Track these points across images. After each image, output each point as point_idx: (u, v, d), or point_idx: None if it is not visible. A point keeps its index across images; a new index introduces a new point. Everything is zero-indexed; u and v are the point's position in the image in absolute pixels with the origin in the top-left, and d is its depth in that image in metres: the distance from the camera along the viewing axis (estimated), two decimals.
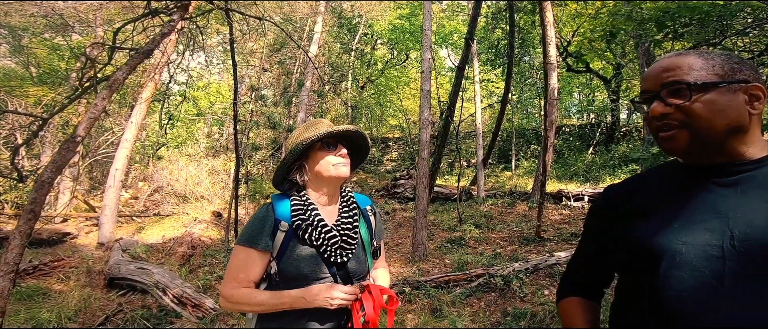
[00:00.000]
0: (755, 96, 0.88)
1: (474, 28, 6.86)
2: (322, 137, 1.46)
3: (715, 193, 0.88)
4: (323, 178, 1.49)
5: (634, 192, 1.01)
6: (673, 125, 0.89)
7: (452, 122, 7.24)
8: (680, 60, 0.91)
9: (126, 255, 6.91)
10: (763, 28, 4.97)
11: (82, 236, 9.39)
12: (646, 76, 0.96)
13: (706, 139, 0.87)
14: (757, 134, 0.90)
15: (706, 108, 0.86)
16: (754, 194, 0.85)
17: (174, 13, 3.59)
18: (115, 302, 5.49)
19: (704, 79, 0.87)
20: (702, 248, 0.83)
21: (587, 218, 1.15)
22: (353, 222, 1.51)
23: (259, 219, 1.43)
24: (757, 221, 0.81)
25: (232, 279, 1.41)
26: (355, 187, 13.80)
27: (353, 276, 1.47)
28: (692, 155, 0.91)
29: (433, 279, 5.49)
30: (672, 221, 0.89)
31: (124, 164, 8.19)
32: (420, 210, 6.56)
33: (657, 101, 0.91)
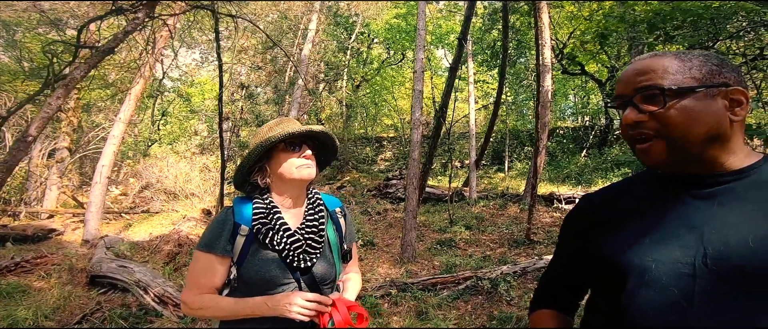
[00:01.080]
0: (736, 101, 0.81)
1: (467, 28, 6.80)
2: (284, 137, 1.39)
3: (690, 206, 0.82)
4: (286, 180, 1.43)
5: (609, 203, 0.96)
6: (647, 134, 0.82)
7: (444, 122, 7.16)
8: (655, 62, 0.83)
9: (109, 253, 6.79)
10: (758, 31, 4.93)
11: (68, 232, 9.27)
12: (620, 79, 0.89)
13: (682, 149, 0.80)
14: (738, 142, 0.83)
15: (682, 116, 0.79)
16: (731, 208, 0.78)
17: (139, 11, 3.50)
18: (95, 300, 5.39)
19: (680, 84, 0.80)
20: (672, 265, 0.77)
21: (562, 228, 1.09)
22: (319, 225, 1.45)
23: (218, 224, 1.37)
24: (732, 238, 0.75)
25: (193, 284, 1.36)
26: (348, 186, 13.72)
27: (320, 282, 1.41)
28: (669, 166, 0.84)
29: (420, 281, 5.43)
30: (643, 236, 0.83)
31: (111, 161, 8.07)
32: (409, 211, 6.49)
33: (630, 108, 0.84)
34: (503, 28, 7.39)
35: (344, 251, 1.53)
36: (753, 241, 0.73)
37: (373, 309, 4.85)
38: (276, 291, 1.33)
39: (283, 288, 1.34)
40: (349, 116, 18.46)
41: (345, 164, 16.33)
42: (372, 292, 5.25)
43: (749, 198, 0.78)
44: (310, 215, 1.46)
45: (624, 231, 0.87)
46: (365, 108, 19.47)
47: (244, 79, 13.76)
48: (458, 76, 15.92)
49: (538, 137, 7.05)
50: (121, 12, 3.63)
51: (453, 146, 16.13)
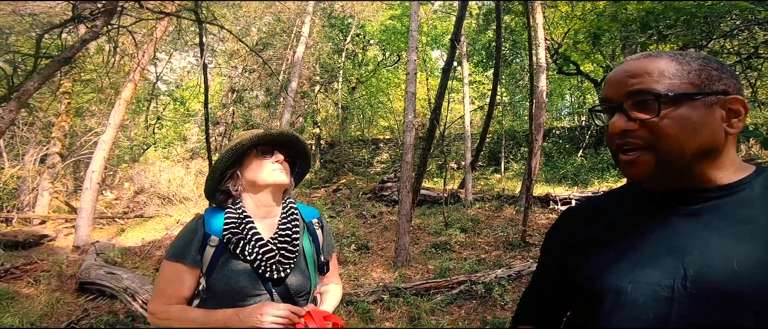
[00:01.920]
0: (734, 111, 0.73)
1: (460, 29, 6.74)
2: (255, 140, 1.37)
3: (673, 224, 0.74)
4: (259, 186, 1.40)
5: (590, 218, 0.89)
6: (636, 144, 0.74)
7: (438, 125, 7.09)
8: (650, 64, 0.74)
9: (99, 259, 6.71)
10: (752, 29, 4.88)
11: (60, 238, 9.18)
12: (609, 80, 0.79)
13: (673, 163, 0.72)
14: (730, 156, 0.75)
15: (677, 126, 0.71)
16: (717, 228, 0.71)
17: (98, 19, 3.44)
18: (82, 307, 5.32)
19: (677, 90, 0.71)
20: (650, 287, 0.70)
21: (544, 243, 1.02)
22: (293, 236, 1.41)
23: (188, 233, 1.35)
24: (715, 260, 0.68)
25: (161, 294, 1.33)
26: (344, 189, 13.64)
27: (295, 293, 1.37)
28: (655, 180, 0.77)
29: (414, 285, 5.36)
30: (622, 256, 0.76)
31: (101, 167, 7.98)
32: (403, 215, 6.42)
33: (619, 114, 0.76)
34: (497, 29, 7.34)
35: (321, 262, 1.49)
36: (738, 263, 0.66)
37: (365, 314, 4.78)
38: (247, 303, 1.29)
39: (254, 299, 1.30)
40: (345, 118, 18.40)
41: (341, 166, 16.26)
42: (364, 297, 5.18)
43: (737, 217, 0.71)
44: (284, 225, 1.42)
45: (602, 250, 0.81)
46: (361, 110, 19.42)
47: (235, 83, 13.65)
48: (454, 77, 15.96)
49: (533, 138, 7.00)
50: (80, 20, 3.56)
51: (449, 147, 16.08)
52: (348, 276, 6.28)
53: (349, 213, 10.44)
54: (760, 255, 0.65)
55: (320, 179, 16.03)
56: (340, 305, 4.80)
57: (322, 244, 1.53)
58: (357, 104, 19.06)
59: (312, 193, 13.80)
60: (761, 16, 4.05)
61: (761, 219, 0.69)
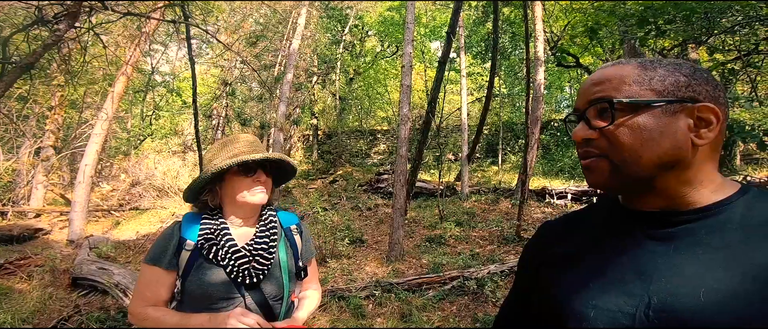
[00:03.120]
0: (705, 120, 0.68)
1: (456, 22, 6.64)
2: (237, 164, 1.39)
3: (643, 248, 0.69)
4: (238, 203, 1.43)
5: (566, 235, 0.85)
6: (592, 152, 0.72)
7: (433, 117, 7.03)
8: (614, 71, 0.72)
9: (92, 254, 6.69)
10: (753, 25, 4.78)
11: (55, 231, 9.16)
12: (579, 89, 0.77)
13: (628, 174, 0.69)
14: (705, 172, 0.70)
15: (632, 134, 0.67)
16: (689, 254, 0.65)
17: (61, 23, 3.36)
18: (74, 303, 5.30)
19: (634, 96, 0.68)
20: (612, 314, 0.66)
21: (521, 255, 0.99)
22: (269, 243, 1.44)
23: (164, 238, 1.39)
24: (682, 288, 0.62)
25: (140, 297, 1.38)
26: (340, 181, 13.60)
27: (269, 298, 1.40)
28: (617, 191, 0.74)
29: (406, 281, 5.34)
30: (589, 279, 0.72)
31: (94, 160, 7.93)
32: (397, 209, 6.38)
33: (582, 123, 0.74)
34: (494, 20, 7.24)
35: (299, 268, 1.52)
36: (705, 295, 0.61)
37: (356, 310, 4.77)
38: (220, 306, 1.34)
39: (227, 302, 1.34)
40: (342, 109, 18.31)
41: (338, 157, 16.21)
42: (356, 293, 5.16)
43: (711, 243, 0.65)
44: (261, 233, 1.45)
45: (571, 271, 0.77)
46: (359, 101, 19.32)
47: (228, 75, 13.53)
48: (454, 68, 15.84)
49: (530, 131, 6.93)
50: (43, 23, 3.49)
51: (446, 139, 16.01)
52: (341, 270, 6.27)
53: (345, 205, 10.41)
54: (730, 286, 0.60)
55: (317, 170, 16.01)
56: (331, 300, 4.76)
57: (301, 250, 1.55)
58: (355, 95, 18.96)
59: (309, 184, 13.78)
60: (763, 13, 3.96)
61: (737, 246, 0.63)
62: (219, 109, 14.22)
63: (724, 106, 0.70)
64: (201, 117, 13.64)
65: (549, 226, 0.93)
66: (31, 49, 4.05)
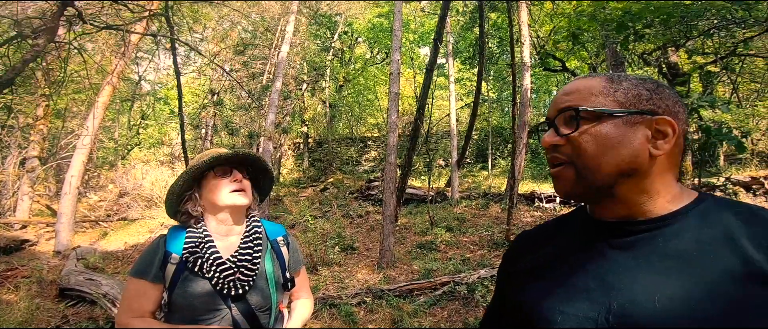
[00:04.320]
0: (662, 132, 0.72)
1: (442, 28, 6.71)
2: (210, 162, 1.41)
3: (606, 256, 0.73)
4: (219, 207, 1.43)
5: (538, 245, 0.89)
6: (560, 159, 0.76)
7: (422, 124, 7.07)
8: (583, 83, 0.77)
9: (80, 265, 6.61)
10: (730, 29, 4.90)
11: (42, 242, 9.03)
12: (552, 100, 0.83)
13: (590, 180, 0.72)
14: (663, 182, 0.73)
15: (593, 142, 0.72)
16: (646, 262, 0.69)
17: (40, 38, 3.36)
18: (62, 313, 5.25)
19: (599, 106, 0.72)
20: (578, 320, 0.69)
21: (500, 266, 1.01)
22: (254, 254, 1.44)
23: (150, 252, 1.41)
24: (639, 295, 0.66)
25: (126, 309, 1.39)
26: (331, 188, 13.58)
27: (256, 309, 1.41)
28: (581, 199, 0.77)
29: (397, 287, 5.34)
30: (558, 286, 0.76)
31: (80, 171, 7.84)
32: (387, 216, 6.40)
33: (550, 130, 0.78)
34: (480, 26, 7.32)
35: (286, 279, 1.52)
36: (659, 301, 0.64)
37: (348, 317, 4.76)
38: (206, 317, 1.35)
39: (213, 314, 1.36)
40: (332, 117, 18.31)
41: (329, 165, 16.18)
42: (347, 300, 5.15)
43: (666, 252, 0.69)
44: (245, 244, 1.45)
45: (543, 278, 0.81)
46: (349, 108, 19.35)
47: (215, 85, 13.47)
48: (442, 74, 15.93)
49: (517, 136, 7.00)
50: (23, 37, 3.48)
51: (437, 145, 16.08)
52: (333, 277, 6.25)
53: (336, 213, 10.39)
54: (684, 293, 0.63)
55: (308, 178, 15.95)
56: (322, 308, 4.74)
57: (288, 261, 1.56)
58: (345, 102, 18.98)
59: (300, 193, 13.73)
60: (738, 16, 4.07)
61: (691, 254, 0.66)
62: (207, 118, 14.13)
63: (683, 121, 0.74)
64: (188, 127, 13.59)
65: (526, 236, 0.97)
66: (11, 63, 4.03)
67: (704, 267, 0.64)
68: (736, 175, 7.64)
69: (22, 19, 3.48)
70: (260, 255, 1.46)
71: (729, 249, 0.64)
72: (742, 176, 7.55)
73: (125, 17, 5.24)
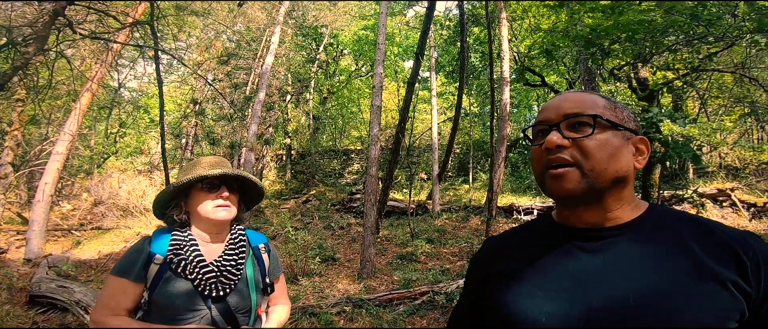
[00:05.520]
0: (639, 150, 0.84)
1: (424, 43, 6.86)
2: (198, 179, 1.45)
3: (579, 260, 0.82)
4: (203, 219, 1.48)
5: (509, 250, 0.95)
6: (565, 160, 0.80)
7: (403, 138, 7.16)
8: (584, 95, 0.86)
9: (51, 272, 6.44)
10: (693, 44, 5.14)
11: (12, 250, 8.77)
12: (547, 107, 0.88)
13: (594, 182, 0.79)
14: (631, 192, 0.85)
15: (603, 148, 0.79)
16: (616, 263, 0.78)
17: (30, 46, 3.37)
18: (32, 319, 5.11)
19: (607, 117, 0.81)
20: (562, 319, 0.77)
21: (468, 269, 1.07)
22: (237, 260, 1.50)
23: (134, 252, 1.44)
24: (615, 294, 0.75)
25: (103, 306, 1.41)
26: (313, 200, 13.52)
27: (235, 310, 1.45)
28: (579, 200, 0.82)
29: (377, 297, 5.36)
30: (536, 289, 0.83)
31: (55, 178, 7.66)
32: (368, 228, 6.43)
33: (554, 131, 0.83)
34: (461, 41, 7.50)
35: (266, 284, 1.57)
36: (633, 298, 0.73)
37: (328, 325, 4.75)
38: (185, 317, 1.38)
39: (193, 314, 1.38)
40: (316, 129, 18.30)
41: (311, 177, 16.13)
42: (327, 309, 5.14)
43: (632, 253, 0.78)
44: (230, 250, 1.51)
45: (518, 283, 0.86)
46: (333, 120, 19.37)
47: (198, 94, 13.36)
48: (426, 88, 16.13)
49: (495, 150, 7.15)
50: (13, 45, 3.48)
51: (419, 158, 16.21)
52: (313, 287, 6.22)
53: (317, 225, 10.35)
54: (650, 290, 0.73)
55: (291, 190, 15.85)
56: (302, 316, 4.72)
57: (269, 267, 1.61)
58: (328, 115, 19.01)
59: (281, 204, 13.62)
60: (699, 31, 4.28)
61: (651, 259, 0.77)
62: (188, 128, 13.96)
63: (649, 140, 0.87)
64: (169, 136, 13.41)
65: (492, 242, 1.03)
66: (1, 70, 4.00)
67: (664, 267, 0.75)
68: (702, 187, 7.92)
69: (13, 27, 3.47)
70: (243, 260, 1.52)
71: (683, 253, 0.75)
72: (708, 188, 7.83)
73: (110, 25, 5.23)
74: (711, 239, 0.77)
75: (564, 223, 0.87)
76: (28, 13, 5.30)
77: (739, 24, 4.05)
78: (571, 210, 0.86)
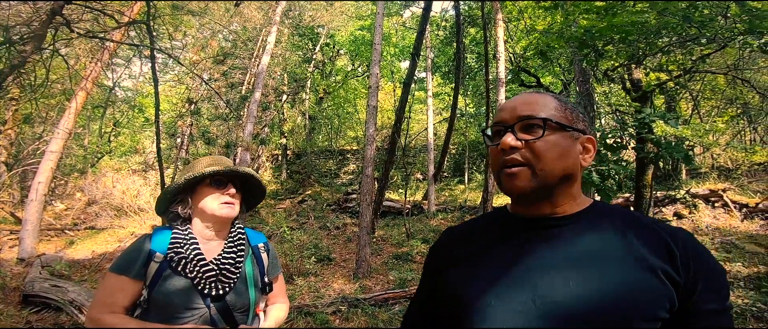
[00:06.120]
0: (586, 148, 0.90)
1: (420, 43, 6.89)
2: (208, 175, 1.47)
3: (527, 248, 0.87)
4: (207, 215, 1.49)
5: (465, 240, 1.01)
6: (518, 160, 0.86)
7: (399, 138, 7.18)
8: (538, 97, 0.91)
9: (44, 272, 6.41)
10: (686, 46, 5.18)
11: (5, 250, 8.70)
12: (503, 107, 0.93)
13: (544, 180, 0.85)
14: (578, 188, 0.91)
15: (552, 148, 0.85)
16: (560, 252, 0.84)
17: (27, 44, 3.37)
18: (25, 319, 5.09)
19: (557, 119, 0.87)
20: (509, 304, 0.82)
21: (426, 258, 1.11)
22: (237, 258, 1.50)
23: (134, 250, 1.44)
24: (557, 280, 0.80)
25: (101, 303, 1.40)
26: (309, 200, 13.51)
27: (233, 309, 1.46)
28: (530, 197, 0.88)
29: (373, 297, 5.37)
30: (487, 275, 0.88)
31: (48, 177, 7.61)
32: (363, 228, 6.45)
33: (508, 134, 0.88)
34: (457, 41, 7.53)
35: (265, 283, 1.58)
36: (573, 284, 0.78)
37: (323, 325, 4.76)
38: (185, 315, 1.38)
39: (192, 312, 1.39)
40: (312, 129, 18.30)
41: (307, 177, 16.12)
42: (323, 309, 5.15)
43: (575, 242, 0.84)
44: (229, 249, 1.51)
45: (471, 270, 0.91)
46: (329, 120, 19.37)
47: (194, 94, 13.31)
48: (422, 88, 16.16)
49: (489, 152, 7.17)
50: (11, 43, 3.47)
51: (414, 159, 16.24)
52: (308, 287, 6.23)
53: (313, 225, 10.35)
54: (589, 277, 0.79)
55: (286, 190, 15.83)
56: (298, 316, 4.73)
57: (267, 267, 1.62)
58: (324, 115, 19.01)
59: (277, 204, 13.60)
60: (692, 33, 4.33)
61: (591, 247, 0.83)
62: (183, 127, 13.91)
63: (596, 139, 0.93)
64: (164, 136, 13.34)
65: (451, 231, 1.07)
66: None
67: (605, 257, 0.81)
68: (695, 188, 7.99)
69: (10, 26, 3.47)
70: (242, 259, 1.52)
71: (622, 244, 0.82)
72: (701, 189, 7.89)
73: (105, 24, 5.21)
74: (646, 231, 0.84)
75: (517, 214, 0.93)
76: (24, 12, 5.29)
77: (731, 25, 4.10)
78: (523, 204, 0.91)
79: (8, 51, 3.75)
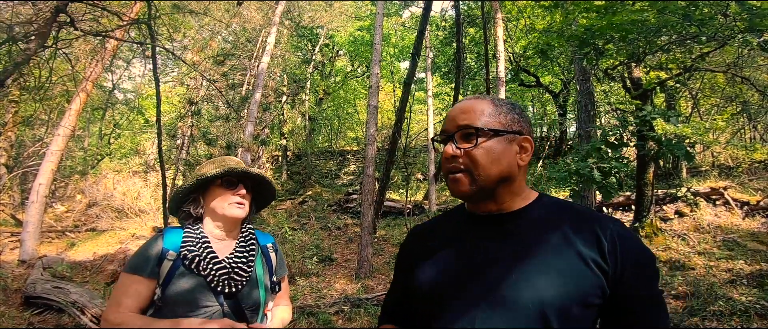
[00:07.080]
0: (523, 148, 0.96)
1: (420, 43, 6.89)
2: (221, 174, 1.50)
3: (484, 243, 0.94)
4: (217, 215, 1.52)
5: (430, 235, 1.09)
6: (458, 167, 0.94)
7: (400, 138, 7.19)
8: (476, 104, 0.97)
9: (46, 273, 6.42)
10: (686, 44, 5.19)
11: (6, 252, 8.72)
12: (448, 116, 1.01)
13: (481, 184, 0.92)
14: (521, 185, 0.98)
15: (486, 154, 0.92)
16: (506, 245, 0.91)
17: (31, 42, 3.39)
18: (27, 320, 5.10)
19: (490, 126, 0.93)
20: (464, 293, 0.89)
21: (398, 255, 1.20)
22: (248, 258, 1.53)
23: (147, 249, 1.46)
24: (504, 272, 0.87)
25: (116, 304, 1.42)
26: (310, 201, 13.51)
27: (245, 308, 1.48)
28: (473, 198, 0.95)
29: (375, 296, 5.38)
30: (449, 268, 0.95)
31: (49, 179, 7.62)
32: (365, 228, 6.46)
33: (449, 143, 0.96)
34: (457, 41, 7.54)
35: (273, 283, 1.61)
36: (516, 274, 0.85)
37: (326, 325, 4.77)
38: (197, 313, 1.40)
39: (205, 309, 1.40)
40: (312, 130, 18.30)
41: (307, 178, 16.11)
42: (325, 309, 5.15)
43: (519, 235, 0.92)
44: (241, 248, 1.54)
45: (435, 263, 0.99)
46: (329, 121, 19.36)
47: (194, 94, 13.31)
48: (422, 88, 16.17)
49: None
50: (14, 41, 3.49)
51: (415, 159, 16.24)
52: (310, 287, 6.23)
53: (314, 225, 10.35)
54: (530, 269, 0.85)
55: (287, 191, 15.83)
56: (300, 316, 4.74)
57: (275, 266, 1.66)
58: (325, 115, 19.01)
59: (277, 205, 13.60)
60: (692, 31, 4.33)
61: (533, 240, 0.90)
62: (184, 128, 13.92)
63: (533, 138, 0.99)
64: (165, 137, 13.34)
65: (417, 229, 1.17)
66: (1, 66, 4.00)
67: (545, 249, 0.88)
68: (696, 186, 7.99)
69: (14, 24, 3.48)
70: (253, 258, 1.55)
71: (560, 237, 0.88)
72: (702, 187, 7.90)
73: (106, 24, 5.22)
74: (581, 223, 0.90)
75: (471, 211, 1.02)
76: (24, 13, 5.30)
77: (731, 24, 4.11)
78: (471, 202, 1.00)
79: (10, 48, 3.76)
